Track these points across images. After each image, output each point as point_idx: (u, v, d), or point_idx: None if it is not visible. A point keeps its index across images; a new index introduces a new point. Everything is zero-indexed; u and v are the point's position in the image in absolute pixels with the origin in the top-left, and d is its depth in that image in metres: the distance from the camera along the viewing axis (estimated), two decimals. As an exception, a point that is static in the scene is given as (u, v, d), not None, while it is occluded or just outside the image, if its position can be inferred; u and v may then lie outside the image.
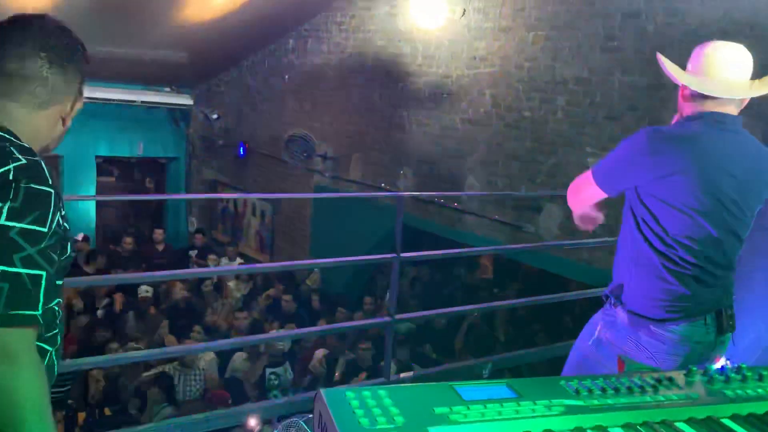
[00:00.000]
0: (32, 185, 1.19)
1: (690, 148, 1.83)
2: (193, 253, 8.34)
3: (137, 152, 9.83)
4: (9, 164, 1.19)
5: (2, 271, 1.13)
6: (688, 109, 1.94)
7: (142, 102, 9.16)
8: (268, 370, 5.56)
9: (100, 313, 6.60)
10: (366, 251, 6.23)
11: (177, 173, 10.29)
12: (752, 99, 1.94)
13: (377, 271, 7.74)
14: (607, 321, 2.01)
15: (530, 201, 5.79)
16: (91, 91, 8.40)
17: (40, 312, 1.17)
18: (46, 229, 1.19)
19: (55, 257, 1.24)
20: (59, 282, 1.31)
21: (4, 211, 1.15)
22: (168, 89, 9.51)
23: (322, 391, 1.13)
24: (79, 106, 1.48)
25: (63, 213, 1.27)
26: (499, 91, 6.03)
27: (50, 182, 1.23)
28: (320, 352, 5.51)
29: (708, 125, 1.87)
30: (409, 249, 3.48)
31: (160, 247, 8.21)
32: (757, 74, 1.95)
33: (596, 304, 2.16)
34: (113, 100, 8.71)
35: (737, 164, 1.86)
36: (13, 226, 1.15)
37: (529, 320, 6.89)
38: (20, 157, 1.21)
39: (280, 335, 4.70)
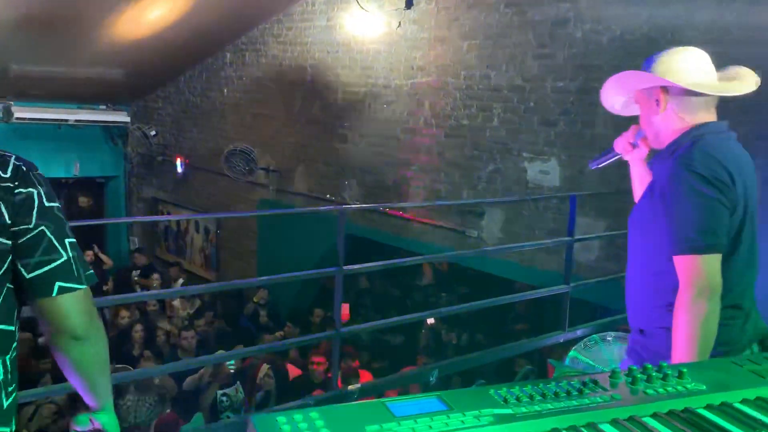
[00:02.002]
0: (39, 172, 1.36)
1: (725, 166, 1.70)
2: (135, 273, 8.14)
3: (73, 172, 9.54)
4: (10, 160, 1.33)
5: (71, 242, 1.34)
6: (676, 123, 1.82)
7: (77, 121, 8.92)
8: (219, 392, 5.47)
9: (41, 340, 6.36)
10: (315, 263, 6.20)
11: (116, 192, 10.04)
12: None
13: (329, 282, 7.72)
14: None
15: (473, 207, 5.89)
16: (23, 112, 8.20)
17: None
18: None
19: None
20: None
21: (42, 194, 1.32)
22: (104, 107, 9.30)
23: (252, 417, 1.12)
24: None
25: None
26: (438, 100, 6.12)
27: None
28: (264, 367, 5.46)
29: (717, 138, 1.78)
30: (358, 259, 3.50)
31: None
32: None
33: (541, 304, 2.11)
34: (47, 119, 8.46)
35: (751, 175, 1.82)
36: (54, 205, 1.34)
37: (478, 322, 7.00)
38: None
39: (220, 356, 4.63)
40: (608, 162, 2.12)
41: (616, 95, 1.97)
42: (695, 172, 1.68)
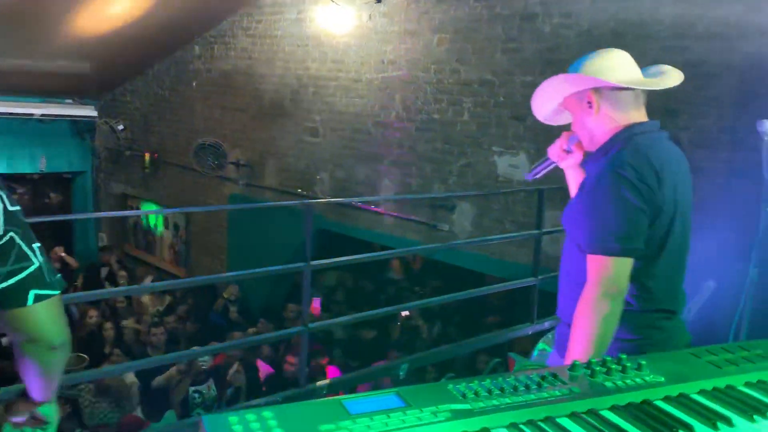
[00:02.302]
0: None
1: (655, 168, 1.71)
2: (104, 270, 8.00)
3: (40, 168, 9.33)
4: None
5: (38, 246, 1.29)
6: (609, 123, 1.82)
7: (43, 115, 8.72)
8: (191, 389, 5.41)
9: (4, 340, 6.22)
10: (287, 258, 6.16)
11: (84, 188, 9.85)
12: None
13: (301, 277, 7.66)
14: None
15: (444, 201, 5.90)
16: (-15, 106, 8.00)
17: None
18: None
19: None
20: None
21: (4, 198, 1.25)
22: (70, 101, 9.10)
23: (204, 417, 1.10)
24: None
25: None
26: (409, 94, 6.11)
27: None
28: (236, 362, 5.42)
29: (648, 138, 1.79)
30: (331, 254, 3.47)
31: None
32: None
33: (512, 297, 2.09)
34: (11, 114, 8.27)
35: (684, 173, 1.83)
36: (17, 209, 1.29)
37: (450, 315, 7.02)
38: None
39: (189, 353, 4.57)
40: (545, 171, 2.12)
41: (548, 101, 1.96)
42: (623, 176, 1.70)
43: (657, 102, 2.11)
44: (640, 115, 1.84)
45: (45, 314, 1.27)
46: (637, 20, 4.53)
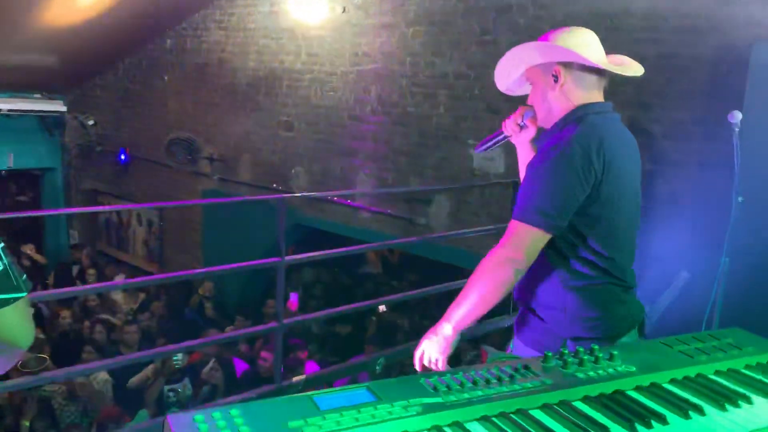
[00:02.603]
0: None
1: (606, 148, 1.70)
2: (76, 268, 7.87)
3: (7, 164, 9.12)
4: None
5: (2, 247, 1.17)
6: (567, 102, 1.80)
7: (10, 110, 8.52)
8: (166, 388, 5.34)
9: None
10: (262, 254, 6.07)
11: (54, 185, 9.65)
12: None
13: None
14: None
15: (421, 194, 5.88)
16: (-51, 101, 7.79)
17: None
18: None
19: None
20: None
21: None
22: (38, 95, 8.90)
23: (169, 416, 1.07)
24: None
25: None
26: (384, 87, 6.07)
27: None
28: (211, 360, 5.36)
29: (603, 118, 1.78)
30: (308, 249, 3.43)
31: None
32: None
33: None
34: (-23, 109, 8.07)
35: (633, 154, 1.84)
36: None
37: (429, 309, 7.02)
38: None
39: (162, 351, 4.50)
40: (496, 144, 2.11)
41: (515, 69, 1.95)
42: (566, 153, 1.69)
43: (629, 94, 2.11)
44: (599, 98, 1.84)
45: (13, 317, 1.21)
46: (610, 12, 4.55)
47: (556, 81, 1.80)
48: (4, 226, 9.65)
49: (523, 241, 1.72)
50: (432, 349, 1.79)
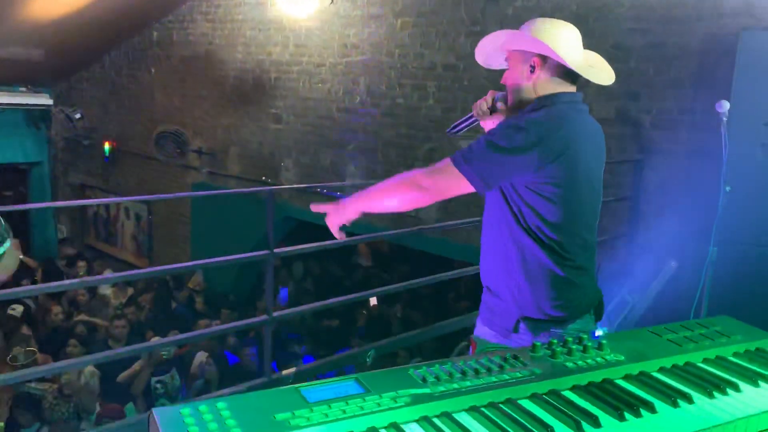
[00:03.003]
0: None
1: (566, 134, 1.74)
2: (62, 263, 7.80)
3: (-7, 159, 9.04)
4: None
5: None
6: (537, 91, 1.84)
7: (-5, 104, 8.43)
8: (154, 379, 5.31)
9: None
10: (252, 247, 6.08)
11: (41, 179, 9.55)
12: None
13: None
14: (499, 335, 1.88)
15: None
16: (-68, 95, 7.69)
17: None
18: None
19: None
20: None
21: None
22: (24, 89, 8.79)
23: (155, 410, 1.05)
24: None
25: None
26: (373, 79, 6.05)
27: None
28: (201, 355, 5.33)
29: (570, 107, 1.82)
30: (299, 242, 3.42)
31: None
32: (606, 53, 2.00)
33: (478, 281, 2.06)
34: (-39, 103, 7.97)
35: (596, 144, 1.87)
36: None
37: (419, 301, 7.04)
38: None
39: (150, 344, 4.48)
40: (467, 127, 2.12)
41: (499, 50, 1.98)
42: (519, 126, 1.74)
43: (618, 85, 2.11)
44: (571, 89, 1.87)
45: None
46: (599, 3, 4.54)
47: (532, 72, 1.85)
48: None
49: (441, 176, 1.80)
50: (333, 217, 1.98)
